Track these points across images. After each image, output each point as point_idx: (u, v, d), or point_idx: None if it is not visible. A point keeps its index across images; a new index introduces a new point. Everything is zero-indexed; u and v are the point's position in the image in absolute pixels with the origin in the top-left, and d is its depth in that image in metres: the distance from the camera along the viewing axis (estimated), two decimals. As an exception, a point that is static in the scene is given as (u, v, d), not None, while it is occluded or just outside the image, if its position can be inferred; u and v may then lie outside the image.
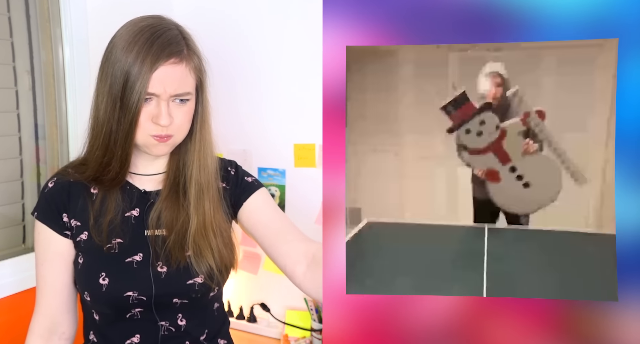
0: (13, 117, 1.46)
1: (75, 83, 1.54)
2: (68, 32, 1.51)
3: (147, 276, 0.98)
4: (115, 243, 0.98)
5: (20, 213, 1.50)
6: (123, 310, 0.98)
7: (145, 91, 0.91)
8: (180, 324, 1.01)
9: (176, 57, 0.93)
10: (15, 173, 1.48)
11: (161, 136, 0.95)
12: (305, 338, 1.71)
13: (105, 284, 0.96)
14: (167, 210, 1.01)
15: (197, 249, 1.00)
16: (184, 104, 0.96)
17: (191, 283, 0.99)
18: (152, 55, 0.91)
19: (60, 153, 1.56)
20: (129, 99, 0.91)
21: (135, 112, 0.92)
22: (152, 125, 0.94)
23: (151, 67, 0.91)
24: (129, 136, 0.94)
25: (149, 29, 0.94)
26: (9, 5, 1.43)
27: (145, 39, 0.92)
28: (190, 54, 0.97)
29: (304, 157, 1.77)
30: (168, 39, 0.94)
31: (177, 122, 0.95)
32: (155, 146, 0.96)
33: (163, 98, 0.93)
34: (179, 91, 0.94)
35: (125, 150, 0.95)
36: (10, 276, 1.38)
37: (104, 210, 0.99)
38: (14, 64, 1.45)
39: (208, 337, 1.07)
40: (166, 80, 0.92)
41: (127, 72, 0.91)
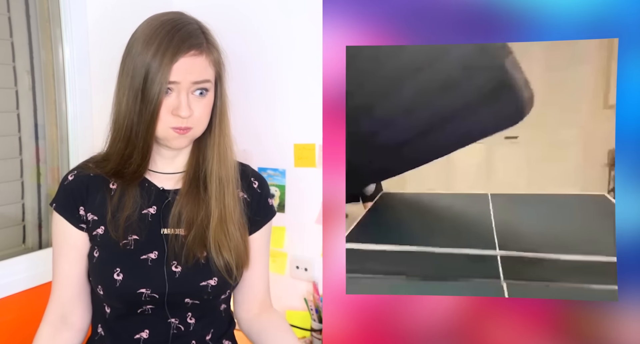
0: (13, 117, 1.46)
1: (75, 83, 1.54)
2: (68, 32, 1.51)
3: (161, 274, 0.98)
4: (131, 240, 0.99)
5: (20, 213, 1.50)
6: (135, 306, 0.99)
7: (166, 81, 0.93)
8: (189, 323, 1.02)
9: (196, 50, 0.96)
10: (15, 173, 1.48)
11: (181, 128, 0.96)
12: (305, 338, 1.71)
13: (120, 279, 0.97)
14: (188, 207, 1.02)
15: (217, 244, 1.01)
16: (203, 96, 0.97)
17: (204, 285, 1.00)
18: (173, 47, 0.93)
19: (60, 153, 1.56)
20: (150, 91, 0.93)
21: (156, 103, 0.93)
22: (172, 117, 0.95)
23: (172, 58, 0.93)
24: (150, 127, 0.95)
25: (170, 23, 0.96)
26: (9, 5, 1.43)
27: (166, 32, 0.95)
28: (210, 47, 0.99)
29: (304, 157, 1.77)
30: (188, 32, 0.96)
31: (197, 115, 0.97)
32: (176, 139, 0.98)
33: (183, 87, 0.95)
34: (199, 78, 0.96)
35: (147, 142, 0.97)
36: (11, 276, 1.38)
37: (122, 206, 1.00)
38: (14, 64, 1.45)
39: (213, 337, 1.07)
40: (186, 70, 0.94)
41: (148, 65, 0.93)
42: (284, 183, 1.81)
